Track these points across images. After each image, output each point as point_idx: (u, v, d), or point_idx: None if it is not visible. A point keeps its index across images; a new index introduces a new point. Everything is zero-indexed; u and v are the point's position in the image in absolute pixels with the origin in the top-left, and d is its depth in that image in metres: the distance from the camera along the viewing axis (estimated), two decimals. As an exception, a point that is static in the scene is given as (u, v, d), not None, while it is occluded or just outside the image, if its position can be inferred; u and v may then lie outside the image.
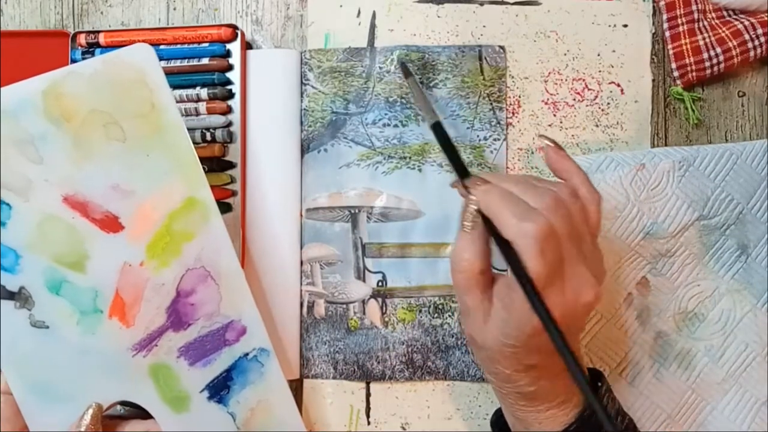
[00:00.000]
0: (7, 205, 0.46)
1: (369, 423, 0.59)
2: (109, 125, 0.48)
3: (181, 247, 0.50)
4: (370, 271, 0.59)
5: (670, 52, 0.59)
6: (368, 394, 0.59)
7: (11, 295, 0.47)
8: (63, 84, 0.47)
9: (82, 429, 0.47)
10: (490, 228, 0.42)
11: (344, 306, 0.59)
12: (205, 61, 0.58)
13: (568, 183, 0.44)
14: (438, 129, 0.47)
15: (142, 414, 0.50)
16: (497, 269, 0.46)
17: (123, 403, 0.51)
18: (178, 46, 0.58)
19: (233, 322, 0.52)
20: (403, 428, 0.59)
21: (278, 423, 0.53)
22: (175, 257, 0.50)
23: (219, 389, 0.51)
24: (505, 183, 0.43)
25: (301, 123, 0.60)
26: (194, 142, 0.57)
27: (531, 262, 0.39)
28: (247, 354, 0.52)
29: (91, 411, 0.47)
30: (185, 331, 0.50)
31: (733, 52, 0.57)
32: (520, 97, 0.60)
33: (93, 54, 0.58)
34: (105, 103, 0.48)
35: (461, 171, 0.45)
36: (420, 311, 0.59)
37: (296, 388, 0.59)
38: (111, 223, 0.48)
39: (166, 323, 0.50)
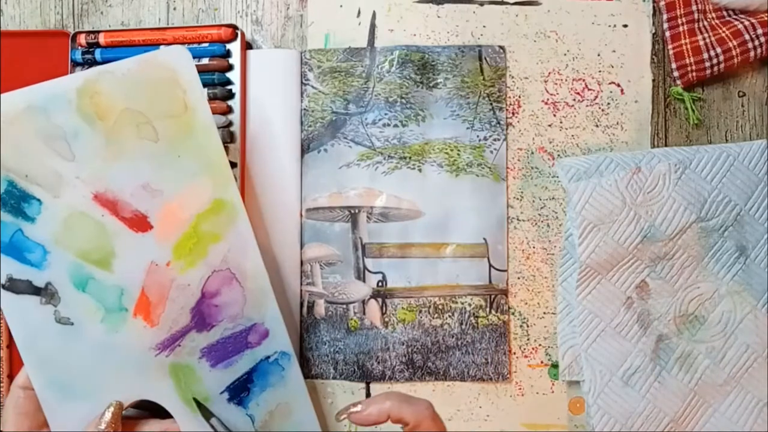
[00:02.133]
0: (38, 200, 0.47)
1: (369, 423, 0.59)
2: (142, 125, 0.49)
3: (207, 248, 0.50)
4: (370, 271, 0.59)
5: (670, 52, 0.59)
6: (368, 395, 0.59)
7: (38, 291, 0.47)
8: (97, 82, 0.48)
9: (102, 427, 0.47)
10: None
11: (344, 306, 0.59)
12: (205, 61, 0.58)
13: (395, 421, 0.45)
14: None
15: (159, 414, 0.50)
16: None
17: (137, 407, 0.51)
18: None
19: (256, 325, 0.52)
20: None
21: (296, 426, 0.54)
22: (201, 258, 0.50)
23: (239, 391, 0.52)
24: None
25: (301, 123, 0.60)
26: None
27: None
28: (268, 357, 0.53)
29: (112, 409, 0.48)
30: (208, 332, 0.51)
31: (733, 52, 0.57)
32: (520, 97, 0.60)
33: (93, 54, 0.59)
34: (138, 103, 0.48)
35: None
36: (420, 311, 0.58)
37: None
38: (140, 222, 0.49)
39: (190, 324, 0.50)
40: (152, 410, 0.51)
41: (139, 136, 0.48)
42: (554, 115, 0.59)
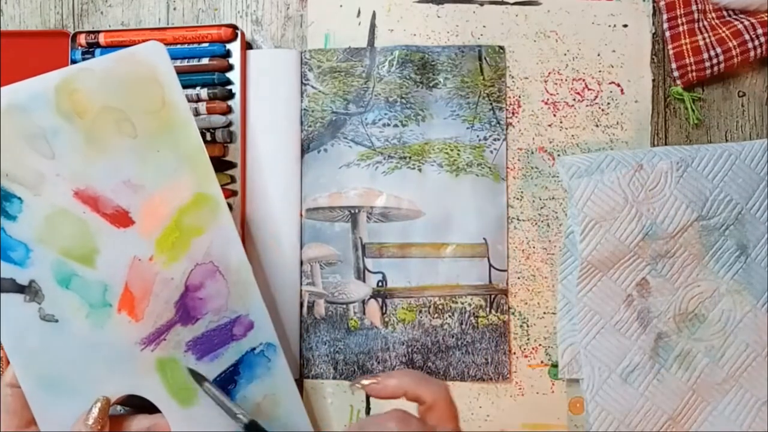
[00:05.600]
0: (19, 199, 0.47)
1: (369, 423, 0.59)
2: (121, 121, 0.49)
3: (190, 242, 0.50)
4: (370, 271, 0.59)
5: (670, 52, 0.59)
6: (368, 395, 0.59)
7: (21, 289, 0.48)
8: (75, 80, 0.48)
9: (90, 422, 0.47)
10: None
11: (344, 306, 0.59)
12: (205, 61, 0.58)
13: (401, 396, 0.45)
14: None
15: (147, 409, 0.50)
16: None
17: (124, 404, 0.51)
18: (178, 46, 0.58)
19: (241, 317, 0.52)
20: (403, 428, 0.59)
21: (284, 417, 0.54)
22: (184, 252, 0.50)
23: (226, 383, 0.52)
24: None
25: (301, 123, 0.60)
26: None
27: None
28: (254, 349, 0.53)
29: (99, 404, 0.48)
30: (193, 325, 0.51)
31: (733, 52, 0.57)
32: (520, 97, 0.60)
33: (93, 54, 0.58)
34: (117, 100, 0.49)
35: None
36: (420, 311, 0.59)
37: (296, 388, 0.59)
38: (121, 218, 0.49)
39: (175, 317, 0.50)
40: (140, 405, 0.51)
41: (118, 133, 0.49)
42: (554, 115, 0.59)
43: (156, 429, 0.50)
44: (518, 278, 0.59)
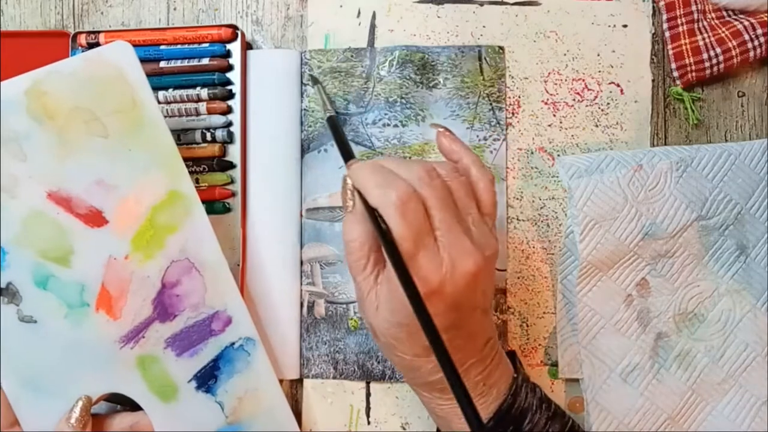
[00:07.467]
0: None
1: (369, 423, 0.59)
2: (91, 122, 0.49)
3: (164, 239, 0.51)
4: (370, 271, 0.59)
5: (670, 52, 0.59)
6: (368, 394, 0.59)
7: None
8: (45, 83, 0.48)
9: (73, 422, 0.48)
10: (363, 201, 0.42)
11: (344, 306, 0.59)
12: (205, 61, 0.58)
13: (454, 162, 0.45)
14: (331, 122, 0.51)
15: (129, 407, 0.51)
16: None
17: (109, 400, 0.51)
18: (178, 46, 0.58)
19: (219, 313, 0.52)
20: (403, 428, 0.59)
21: (266, 411, 0.54)
22: (159, 250, 0.51)
23: (206, 379, 0.52)
24: (380, 160, 0.44)
25: (301, 123, 0.60)
26: (194, 142, 0.58)
27: (393, 226, 0.40)
28: (233, 343, 0.53)
29: (80, 404, 0.48)
30: (171, 322, 0.51)
31: (733, 53, 0.57)
32: (519, 97, 0.60)
33: (93, 54, 0.59)
34: (86, 100, 0.49)
35: (346, 155, 0.46)
36: (420, 311, 0.59)
37: (296, 388, 0.59)
38: (95, 218, 0.49)
39: (153, 315, 0.51)
40: (125, 401, 0.51)
41: (89, 133, 0.49)
42: (554, 115, 0.60)
43: (138, 427, 0.50)
44: (518, 278, 0.59)
